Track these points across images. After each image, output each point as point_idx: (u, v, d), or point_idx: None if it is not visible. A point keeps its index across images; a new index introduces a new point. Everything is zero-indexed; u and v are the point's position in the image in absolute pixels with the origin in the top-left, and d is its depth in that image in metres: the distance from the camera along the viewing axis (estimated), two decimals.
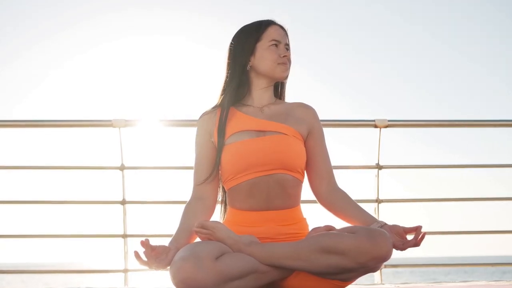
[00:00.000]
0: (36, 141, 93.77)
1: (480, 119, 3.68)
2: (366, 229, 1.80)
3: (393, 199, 3.44)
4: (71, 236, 3.34)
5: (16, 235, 3.37)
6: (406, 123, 3.54)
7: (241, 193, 1.99)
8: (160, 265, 1.81)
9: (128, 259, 3.26)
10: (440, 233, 3.56)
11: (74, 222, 4.88)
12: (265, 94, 2.11)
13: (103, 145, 3.78)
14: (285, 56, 2.08)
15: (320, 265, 1.79)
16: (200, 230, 1.85)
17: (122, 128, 3.30)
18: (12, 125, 3.42)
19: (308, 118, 2.10)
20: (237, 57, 2.09)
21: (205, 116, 2.12)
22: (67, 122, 3.42)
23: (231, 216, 2.03)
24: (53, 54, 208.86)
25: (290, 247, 1.82)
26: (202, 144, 2.09)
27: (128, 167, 3.31)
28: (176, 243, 1.89)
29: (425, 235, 1.90)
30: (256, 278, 1.80)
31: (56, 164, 3.44)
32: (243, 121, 2.04)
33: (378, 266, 1.81)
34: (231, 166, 1.99)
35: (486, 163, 3.68)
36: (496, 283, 2.63)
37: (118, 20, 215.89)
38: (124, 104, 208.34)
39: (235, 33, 2.13)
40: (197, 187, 2.06)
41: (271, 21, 2.11)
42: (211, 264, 1.69)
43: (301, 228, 2.00)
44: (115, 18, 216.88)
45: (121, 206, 3.29)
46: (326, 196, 2.07)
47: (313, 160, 2.08)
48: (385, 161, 3.40)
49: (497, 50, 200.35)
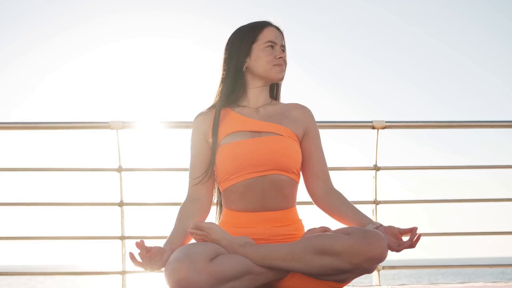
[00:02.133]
0: (34, 144, 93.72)
1: (478, 120, 3.67)
2: (361, 230, 1.80)
3: (391, 200, 3.43)
4: (69, 238, 3.33)
5: (14, 237, 3.36)
6: (404, 124, 3.53)
7: (236, 194, 1.98)
8: (154, 266, 1.81)
9: (125, 261, 3.26)
10: (438, 234, 3.55)
11: (71, 224, 4.87)
12: (261, 95, 2.11)
13: (100, 147, 3.78)
14: (281, 57, 2.08)
15: (315, 266, 1.79)
16: (195, 231, 1.84)
17: (120, 130, 3.30)
18: (10, 127, 3.42)
19: (303, 118, 2.10)
20: (233, 58, 2.08)
21: (200, 117, 2.12)
22: (65, 124, 3.41)
23: (226, 217, 2.02)
24: (51, 57, 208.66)
25: (284, 248, 1.82)
26: (197, 145, 2.08)
27: (125, 169, 3.30)
28: (171, 244, 1.89)
29: (420, 237, 1.90)
30: (251, 279, 1.80)
31: (53, 166, 3.44)
32: (239, 121, 2.04)
33: (373, 267, 1.81)
34: (226, 166, 1.99)
35: (485, 164, 3.67)
36: (493, 284, 2.63)
37: (115, 23, 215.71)
38: (122, 106, 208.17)
39: (231, 34, 2.13)
40: (192, 188, 2.06)
41: (267, 22, 2.11)
42: (205, 265, 1.69)
43: (297, 229, 2.00)
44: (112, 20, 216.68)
45: (119, 208, 3.28)
46: (322, 197, 2.06)
47: (308, 161, 2.08)
48: (383, 162, 3.40)
49: (497, 50, 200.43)
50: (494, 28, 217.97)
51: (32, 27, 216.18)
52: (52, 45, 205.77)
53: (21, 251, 31.84)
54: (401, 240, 1.92)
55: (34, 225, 4.52)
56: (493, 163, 4.02)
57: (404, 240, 1.92)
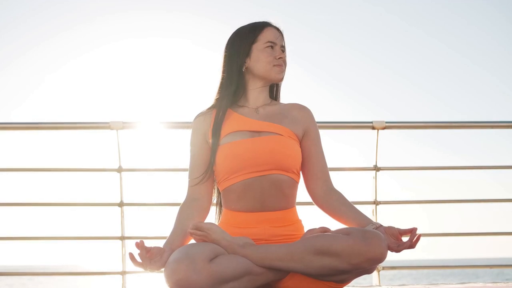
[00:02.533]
0: (34, 144, 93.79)
1: (478, 121, 3.67)
2: (361, 230, 1.80)
3: (391, 201, 3.43)
4: (69, 238, 3.34)
5: (14, 237, 3.37)
6: (404, 124, 3.54)
7: (235, 193, 1.99)
8: (154, 266, 1.81)
9: (126, 261, 3.26)
10: (438, 235, 3.55)
11: (72, 224, 4.87)
12: (261, 95, 2.11)
13: (100, 147, 3.78)
14: (281, 58, 2.08)
15: (314, 267, 1.79)
16: (194, 231, 1.85)
17: (120, 130, 3.30)
18: (10, 127, 3.42)
19: (303, 119, 2.10)
20: (233, 58, 2.08)
21: (200, 117, 2.12)
22: (65, 124, 3.41)
23: (226, 218, 2.02)
24: (51, 57, 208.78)
25: (284, 249, 1.82)
26: (196, 145, 2.08)
27: (125, 169, 3.31)
28: (171, 244, 1.89)
29: (420, 237, 1.90)
30: (250, 279, 1.80)
31: (54, 166, 3.44)
32: (238, 121, 2.04)
33: (372, 267, 1.81)
34: (225, 166, 1.99)
35: (485, 165, 3.67)
36: (493, 284, 2.63)
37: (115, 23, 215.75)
38: (122, 106, 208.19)
39: (231, 34, 2.13)
40: (192, 188, 2.06)
41: (267, 23, 2.11)
42: (205, 266, 1.69)
43: (297, 230, 2.00)
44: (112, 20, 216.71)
45: (119, 208, 3.28)
46: (322, 197, 2.06)
47: (308, 161, 2.08)
48: (383, 162, 3.40)
49: (497, 51, 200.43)
50: (494, 28, 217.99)
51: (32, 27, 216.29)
52: (52, 45, 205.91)
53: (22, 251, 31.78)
54: (400, 241, 1.93)
55: (35, 225, 4.51)
56: (493, 163, 4.01)
57: (403, 241, 1.92)
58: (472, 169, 3.71)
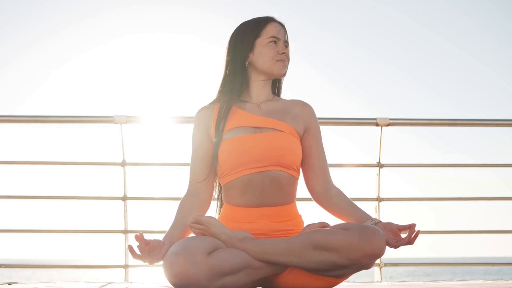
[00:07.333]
0: (39, 137, 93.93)
1: (483, 119, 3.66)
2: (359, 226, 1.81)
3: (394, 197, 3.44)
4: (72, 232, 3.35)
5: (18, 230, 3.38)
6: (408, 121, 3.53)
7: (236, 189, 1.99)
8: (153, 259, 1.83)
9: (128, 254, 3.27)
10: (441, 232, 3.55)
11: (75, 217, 4.88)
12: (263, 91, 2.11)
13: (104, 141, 3.78)
14: (284, 53, 2.08)
15: (313, 262, 1.79)
16: (194, 225, 1.86)
17: (124, 125, 3.30)
18: (15, 120, 3.43)
19: (305, 115, 2.10)
20: (236, 53, 2.08)
21: (202, 111, 2.12)
22: (69, 118, 3.42)
23: (226, 212, 2.03)
24: (56, 52, 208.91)
25: (283, 243, 1.82)
26: (199, 140, 2.09)
27: (129, 163, 3.31)
28: (170, 237, 1.91)
29: (419, 233, 1.91)
30: (249, 273, 1.80)
31: (58, 159, 3.45)
32: (240, 117, 2.05)
33: (371, 263, 1.81)
34: (227, 162, 1.99)
35: (489, 163, 3.67)
36: (493, 282, 2.63)
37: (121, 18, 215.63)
38: (126, 100, 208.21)
39: (235, 29, 2.13)
40: (193, 182, 2.07)
41: (271, 18, 2.11)
42: (203, 259, 1.70)
43: (296, 225, 2.01)
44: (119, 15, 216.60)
45: (122, 202, 3.29)
46: (321, 193, 2.07)
47: (309, 158, 2.08)
48: (386, 159, 3.40)
49: (502, 49, 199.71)
50: (499, 28, 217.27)
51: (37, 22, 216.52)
52: (58, 40, 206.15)
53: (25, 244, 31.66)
54: (399, 237, 1.93)
55: (38, 218, 4.53)
56: (497, 161, 4.01)
57: (402, 237, 1.93)
58: (476, 166, 3.71)
